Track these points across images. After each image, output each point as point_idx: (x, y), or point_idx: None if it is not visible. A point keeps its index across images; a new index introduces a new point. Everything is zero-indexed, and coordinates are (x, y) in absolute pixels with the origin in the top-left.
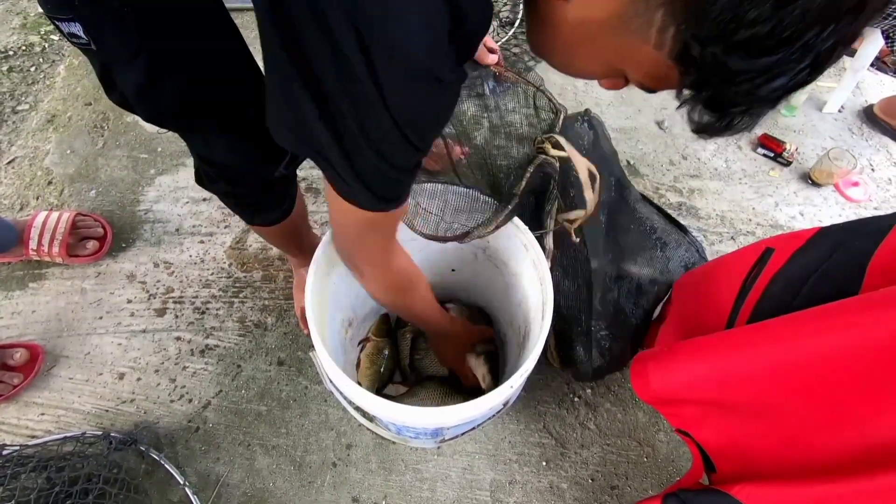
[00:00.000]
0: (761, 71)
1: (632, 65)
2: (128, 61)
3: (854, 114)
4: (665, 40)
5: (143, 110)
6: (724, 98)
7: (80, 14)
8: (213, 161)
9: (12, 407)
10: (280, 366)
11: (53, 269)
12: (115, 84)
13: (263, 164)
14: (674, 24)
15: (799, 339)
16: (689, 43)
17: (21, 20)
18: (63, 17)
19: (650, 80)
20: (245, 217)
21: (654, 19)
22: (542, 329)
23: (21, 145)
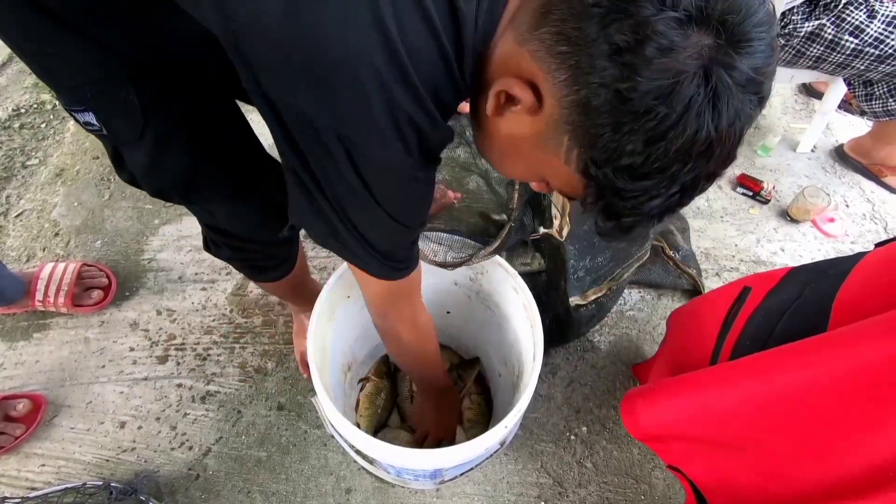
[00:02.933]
0: (641, 191)
1: (551, 174)
2: (135, 143)
3: (826, 153)
4: (571, 159)
5: (148, 186)
6: (616, 209)
7: (91, 105)
8: (217, 228)
9: (13, 458)
10: (280, 411)
11: (58, 319)
12: (125, 164)
13: (266, 229)
14: (576, 147)
15: (772, 375)
16: (587, 163)
17: (34, 80)
18: (78, 109)
19: (565, 187)
20: (249, 276)
21: (563, 141)
22: (534, 369)
23: (30, 198)
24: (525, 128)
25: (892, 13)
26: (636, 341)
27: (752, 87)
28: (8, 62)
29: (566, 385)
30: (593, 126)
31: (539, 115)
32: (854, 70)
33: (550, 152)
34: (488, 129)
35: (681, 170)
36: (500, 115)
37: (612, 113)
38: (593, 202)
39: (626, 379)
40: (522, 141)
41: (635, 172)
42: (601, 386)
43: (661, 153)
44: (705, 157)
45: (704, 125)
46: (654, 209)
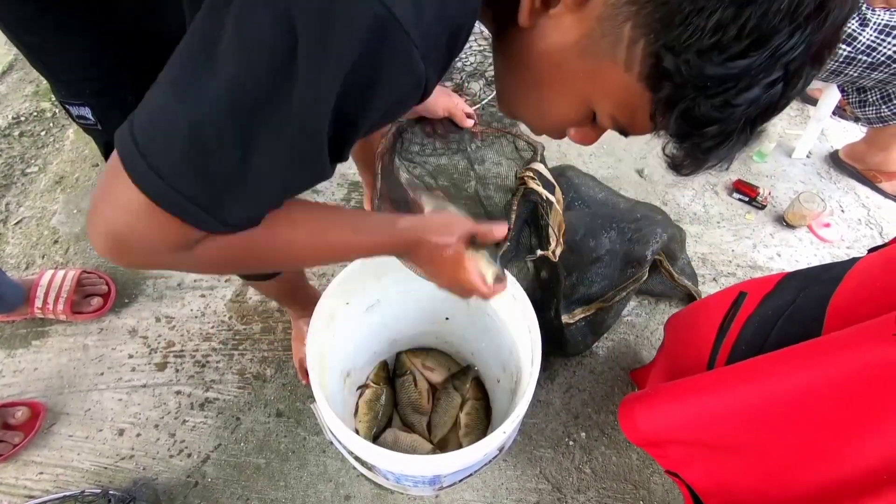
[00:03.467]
0: (735, 77)
1: (602, 95)
2: None
3: (821, 159)
4: (635, 57)
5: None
6: (700, 113)
7: (89, 101)
8: None
9: (11, 466)
10: (279, 417)
11: (57, 327)
12: None
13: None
14: (643, 37)
15: (768, 380)
16: (660, 54)
17: (34, 88)
18: (74, 103)
19: (621, 111)
20: (239, 274)
21: (623, 35)
22: (532, 375)
23: (29, 206)
24: (570, 31)
25: (883, 21)
26: (634, 346)
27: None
28: (8, 70)
29: (565, 391)
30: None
31: (587, 8)
32: (847, 77)
33: (604, 57)
34: (520, 53)
35: (785, 41)
36: (538, 23)
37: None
38: (667, 111)
39: (624, 384)
40: (567, 52)
41: (727, 51)
42: (599, 391)
43: (759, 15)
44: (818, 18)
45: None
46: (750, 104)
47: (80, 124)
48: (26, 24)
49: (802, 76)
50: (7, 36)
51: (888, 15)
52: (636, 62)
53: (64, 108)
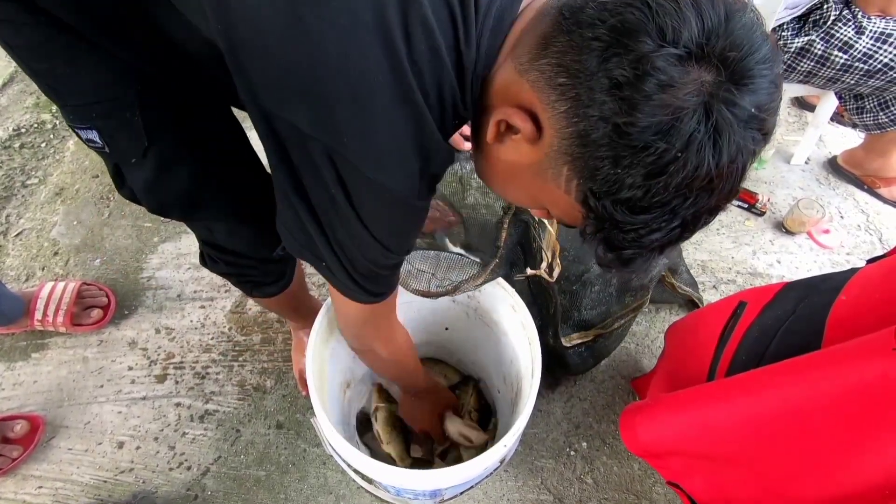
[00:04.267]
0: (641, 224)
1: (550, 203)
2: (137, 162)
3: (820, 165)
4: (571, 188)
5: (148, 203)
6: (616, 241)
7: (97, 125)
8: (215, 244)
9: (10, 480)
10: (279, 429)
11: (56, 339)
12: (125, 181)
13: (262, 247)
14: (576, 178)
15: (768, 393)
16: (587, 194)
17: (34, 99)
18: (82, 126)
19: (564, 216)
20: (245, 291)
21: (562, 171)
22: (532, 387)
23: (29, 218)
24: (524, 156)
25: (879, 29)
26: (635, 355)
27: (755, 124)
28: (9, 82)
29: (565, 400)
30: (592, 158)
31: (538, 145)
32: (844, 84)
33: (550, 181)
34: (488, 154)
35: (682, 204)
36: (500, 142)
37: (611, 146)
38: (593, 233)
39: (625, 393)
40: (522, 169)
41: (635, 206)
42: (600, 400)
43: (661, 187)
44: (707, 191)
45: (705, 161)
46: (654, 242)
47: (91, 147)
48: (34, 50)
49: (700, 222)
50: (17, 63)
51: (884, 23)
52: (573, 191)
53: (74, 132)
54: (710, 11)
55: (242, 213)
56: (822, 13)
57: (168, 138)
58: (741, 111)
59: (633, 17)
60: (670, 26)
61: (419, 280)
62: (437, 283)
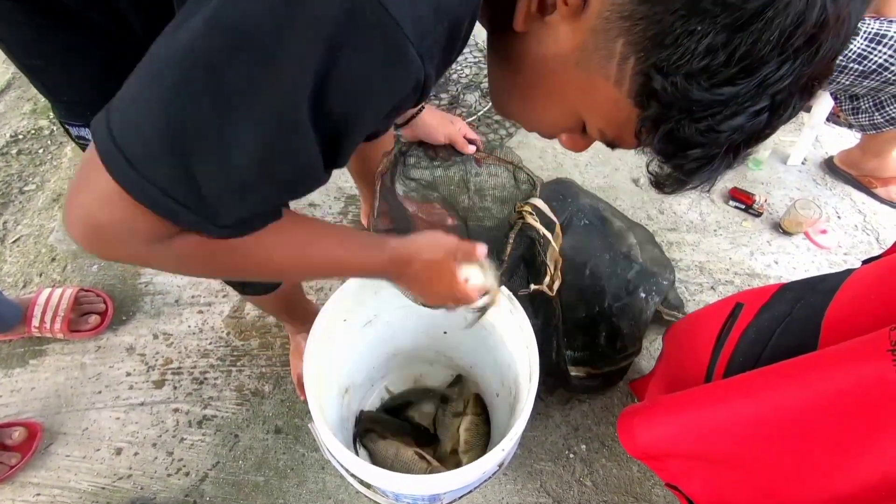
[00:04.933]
0: (721, 103)
1: (592, 108)
2: None
3: (817, 165)
4: (625, 74)
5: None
6: (684, 135)
7: (88, 121)
8: None
9: (8, 488)
10: (277, 434)
11: (54, 345)
12: None
13: None
14: (634, 54)
15: (765, 395)
16: (649, 73)
17: (32, 106)
18: (74, 123)
19: (609, 125)
20: (236, 288)
21: (614, 50)
22: (530, 392)
23: (27, 224)
24: (564, 41)
25: (873, 30)
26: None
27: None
28: (6, 89)
29: (564, 402)
30: (659, 14)
31: (582, 20)
32: (839, 85)
33: (596, 71)
34: (513, 57)
35: (774, 71)
36: (532, 29)
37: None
38: (652, 130)
39: (623, 395)
40: (559, 62)
41: (715, 76)
42: (599, 402)
43: (750, 43)
44: (809, 51)
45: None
46: (734, 130)
47: (80, 144)
48: (29, 47)
49: (790, 107)
50: (8, 57)
51: (878, 24)
52: (626, 79)
53: (63, 128)
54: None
55: None
56: None
57: None
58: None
59: None
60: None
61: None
62: None
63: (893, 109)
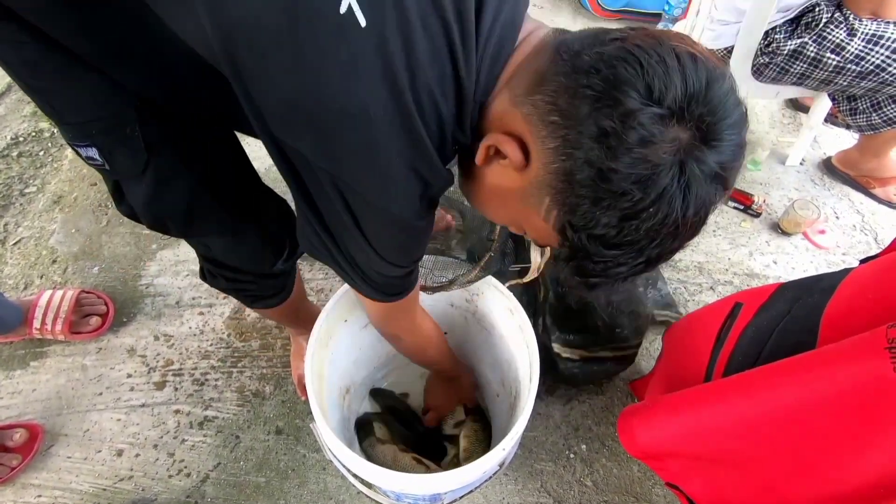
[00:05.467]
0: (611, 258)
1: (528, 226)
2: (136, 178)
3: (815, 166)
4: (550, 217)
5: (147, 218)
6: (585, 269)
7: (96, 142)
8: (213, 259)
9: (9, 490)
10: (278, 435)
11: (55, 347)
12: (124, 197)
13: (261, 262)
14: (556, 209)
15: (763, 394)
16: (564, 225)
17: (32, 108)
18: (81, 144)
19: (540, 239)
20: (245, 303)
21: (544, 201)
22: (531, 391)
23: (27, 226)
24: (510, 181)
25: (870, 31)
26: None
27: (719, 180)
28: (6, 92)
29: (564, 403)
30: (574, 195)
31: (524, 173)
32: (837, 86)
33: (531, 207)
34: (475, 175)
35: (648, 245)
36: (489, 165)
37: (592, 188)
38: (566, 259)
39: (623, 395)
40: (506, 192)
41: (607, 242)
42: (599, 403)
43: (633, 229)
44: (672, 236)
45: (674, 211)
46: (619, 274)
47: (91, 165)
48: (33, 68)
49: (661, 260)
50: (14, 80)
51: (875, 25)
52: (551, 220)
53: (74, 150)
54: (693, 77)
55: (240, 230)
56: (815, 16)
57: (167, 153)
58: (709, 169)
59: (625, 72)
60: (657, 87)
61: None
62: (433, 279)
63: (891, 110)
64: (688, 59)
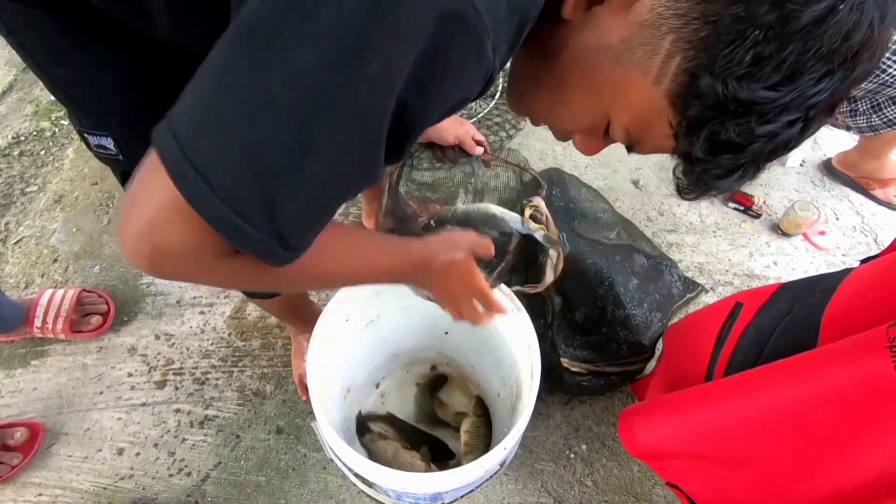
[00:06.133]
0: (763, 106)
1: (623, 105)
2: None
3: (815, 167)
4: (667, 72)
5: None
6: (724, 138)
7: (114, 133)
8: None
9: (9, 488)
10: (279, 434)
11: (56, 346)
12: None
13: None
14: (681, 53)
15: (764, 393)
16: (697, 73)
17: (33, 108)
18: (96, 133)
19: (637, 125)
20: (245, 293)
21: (661, 47)
22: (532, 391)
23: (28, 225)
24: (608, 34)
25: None
26: None
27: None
28: (8, 91)
29: (564, 402)
30: (715, 16)
31: (632, 13)
32: None
33: (636, 67)
34: (554, 45)
35: (814, 84)
36: (578, 18)
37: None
38: (692, 132)
39: (624, 395)
40: (600, 54)
41: (761, 80)
42: (599, 403)
43: (798, 52)
44: (849, 67)
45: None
46: (769, 137)
47: (97, 153)
48: (56, 55)
49: (817, 121)
50: (30, 67)
51: None
52: (667, 77)
53: (81, 137)
54: None
55: None
56: None
57: None
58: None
59: None
60: None
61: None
62: None
63: (891, 111)
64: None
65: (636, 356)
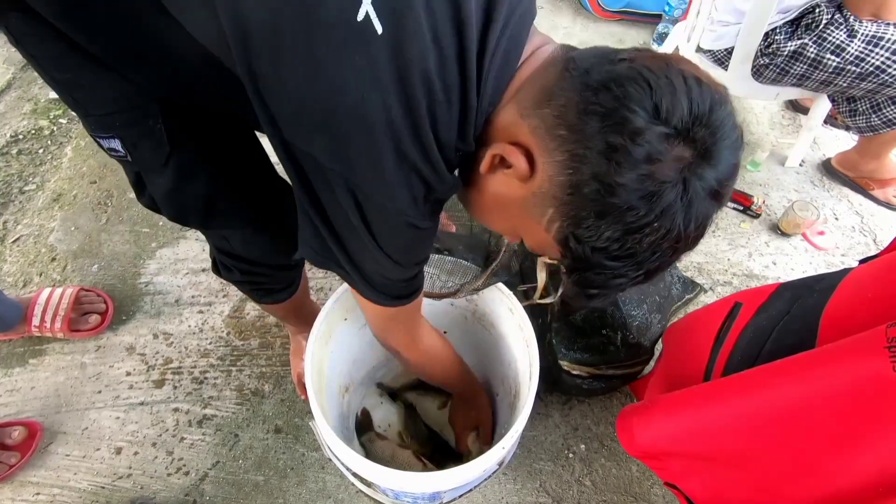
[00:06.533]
0: (611, 269)
1: (528, 235)
2: (158, 170)
3: (814, 167)
4: (552, 228)
5: (168, 211)
6: (586, 281)
7: (119, 134)
8: (230, 252)
9: (7, 487)
10: (277, 433)
11: (54, 345)
12: (145, 189)
13: (278, 254)
14: (559, 220)
15: (763, 393)
16: (567, 237)
17: (32, 106)
18: (104, 136)
19: (538, 248)
20: (255, 298)
21: (547, 212)
22: (531, 390)
23: (27, 224)
24: (513, 191)
25: (870, 32)
26: None
27: (717, 196)
28: (6, 89)
29: (563, 402)
30: (579, 208)
31: (529, 183)
32: (837, 87)
33: (532, 217)
34: (476, 184)
35: (649, 258)
36: (492, 174)
37: (598, 202)
38: (567, 271)
39: (623, 395)
40: (507, 201)
41: (610, 254)
42: (598, 403)
43: (635, 243)
44: (672, 249)
45: (676, 226)
46: (619, 285)
47: (112, 156)
48: (58, 61)
49: (660, 272)
50: (38, 73)
51: (875, 26)
52: (553, 231)
53: (96, 142)
54: (698, 99)
55: (259, 221)
56: (815, 17)
57: (189, 146)
58: (708, 185)
59: (634, 92)
60: (665, 106)
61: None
62: (440, 284)
63: (890, 111)
64: (694, 83)
65: (636, 358)
